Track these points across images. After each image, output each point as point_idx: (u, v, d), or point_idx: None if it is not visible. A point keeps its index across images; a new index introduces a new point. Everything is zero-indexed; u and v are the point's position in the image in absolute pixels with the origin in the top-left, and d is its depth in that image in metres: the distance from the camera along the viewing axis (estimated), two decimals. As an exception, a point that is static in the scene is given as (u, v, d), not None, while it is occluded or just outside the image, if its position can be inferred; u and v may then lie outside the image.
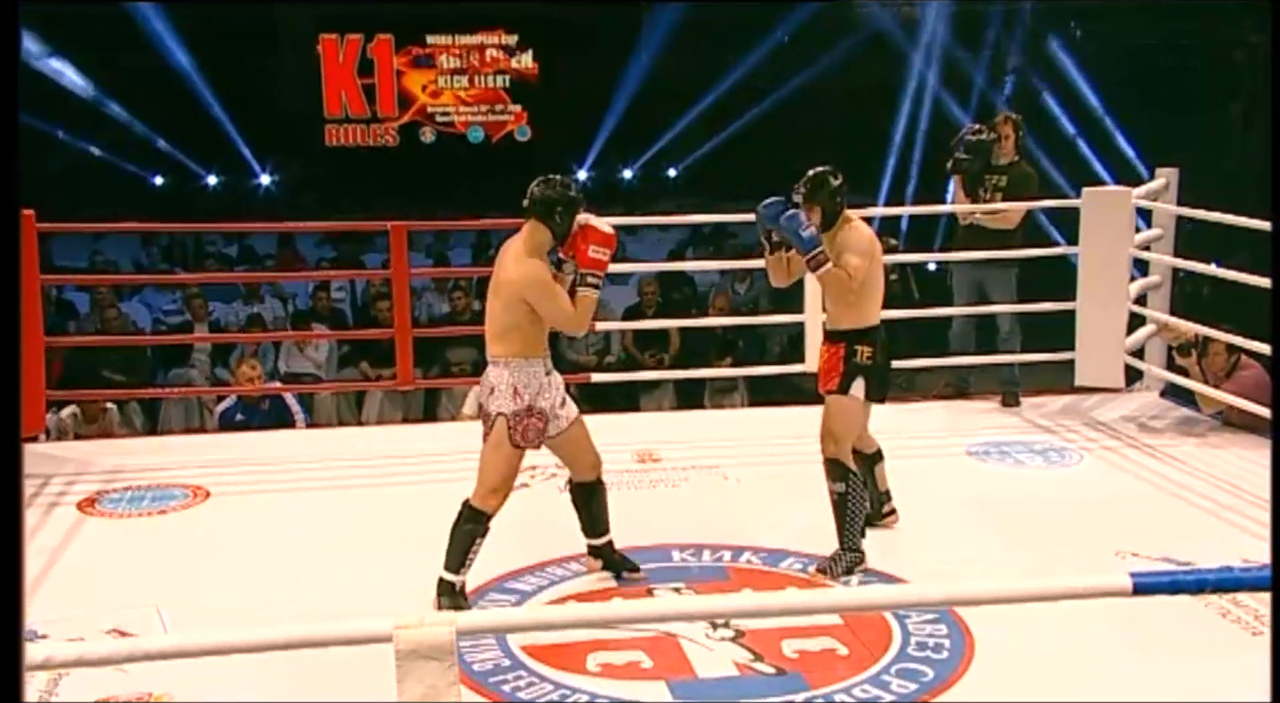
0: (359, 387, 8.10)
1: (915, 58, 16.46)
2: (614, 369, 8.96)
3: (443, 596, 3.90)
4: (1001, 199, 5.97)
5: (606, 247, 3.87)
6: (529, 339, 3.85)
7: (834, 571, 4.14)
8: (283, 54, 17.91)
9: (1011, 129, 5.99)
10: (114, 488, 5.09)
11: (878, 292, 4.25)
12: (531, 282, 3.79)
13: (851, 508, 4.18)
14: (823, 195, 4.17)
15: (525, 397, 3.84)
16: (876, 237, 4.30)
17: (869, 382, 4.21)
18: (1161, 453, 5.38)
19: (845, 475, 4.19)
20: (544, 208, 3.86)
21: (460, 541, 3.90)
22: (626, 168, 18.60)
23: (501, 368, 3.87)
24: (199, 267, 11.36)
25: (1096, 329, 5.77)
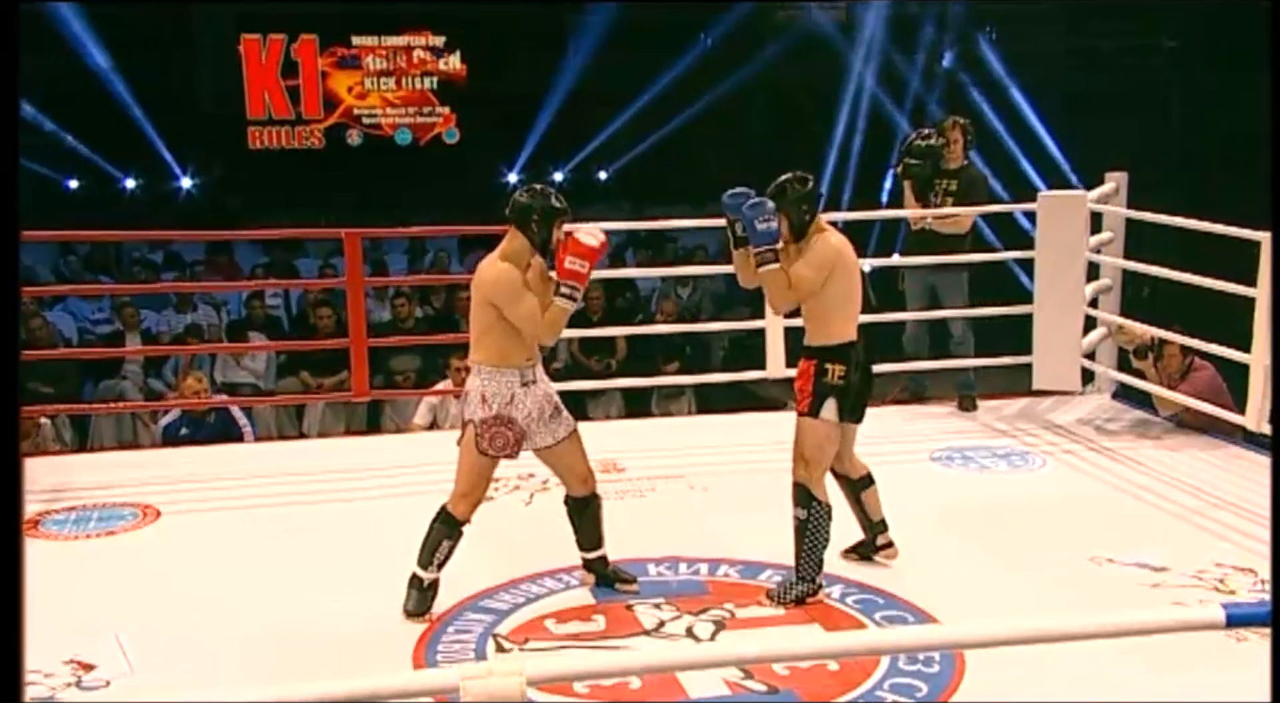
0: (311, 399, 7.88)
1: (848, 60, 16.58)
2: (561, 375, 8.86)
3: (412, 588, 3.91)
4: (952, 203, 5.99)
5: (585, 258, 3.80)
6: (502, 347, 3.80)
7: (783, 598, 3.98)
8: (203, 54, 17.48)
9: (960, 133, 6.02)
10: (57, 509, 4.87)
11: (849, 307, 4.03)
12: (496, 284, 3.77)
13: (810, 537, 3.98)
14: (787, 203, 3.98)
15: (493, 405, 3.81)
16: None
17: (841, 402, 3.98)
18: (1121, 456, 5.43)
19: (808, 502, 3.99)
20: (520, 215, 3.84)
21: (432, 539, 3.91)
22: (557, 170, 18.46)
23: (474, 375, 3.86)
24: (127, 274, 11.00)
25: (1053, 333, 5.81)
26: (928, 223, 6.02)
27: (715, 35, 17.24)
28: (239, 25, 17.07)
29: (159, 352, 8.32)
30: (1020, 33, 15.55)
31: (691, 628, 3.84)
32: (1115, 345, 6.17)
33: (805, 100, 17.23)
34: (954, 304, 6.05)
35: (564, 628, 3.86)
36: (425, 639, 3.79)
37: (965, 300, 6.06)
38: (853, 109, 15.61)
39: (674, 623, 3.87)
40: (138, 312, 8.63)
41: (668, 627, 3.86)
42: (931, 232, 6.01)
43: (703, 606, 3.99)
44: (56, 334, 8.77)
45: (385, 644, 3.77)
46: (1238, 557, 4.28)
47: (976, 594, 4.02)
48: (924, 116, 14.41)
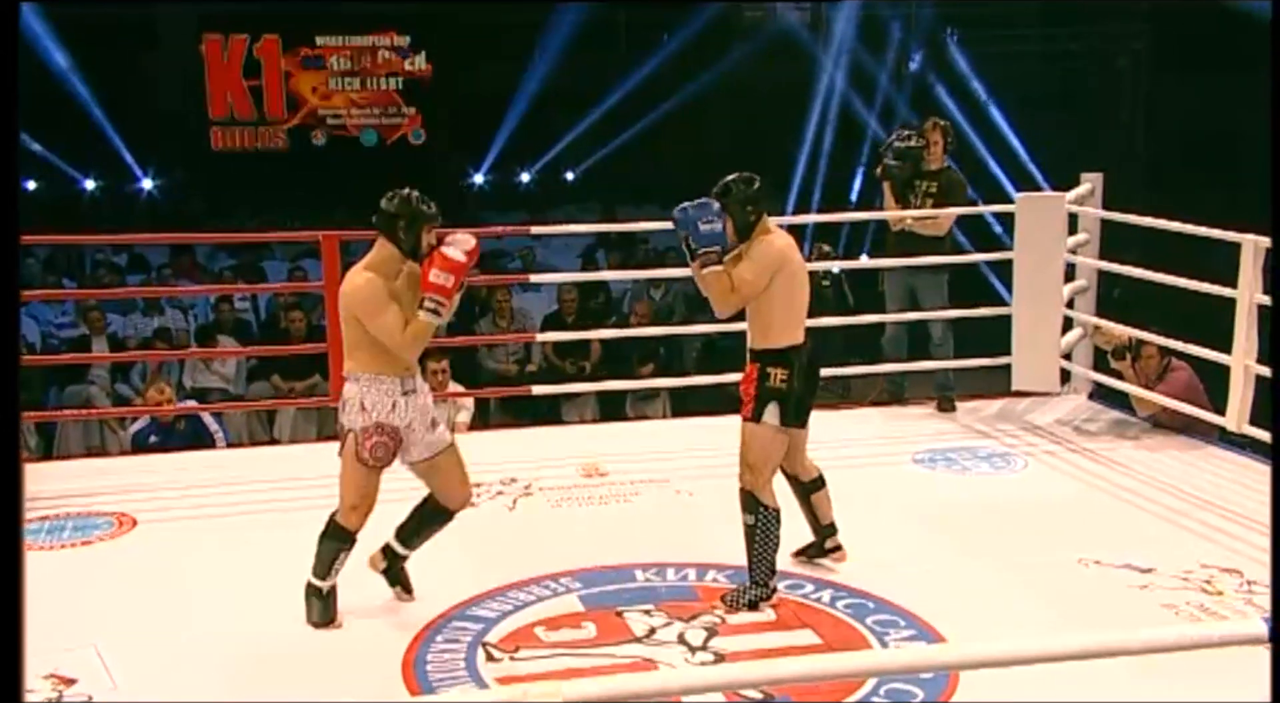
0: (287, 405, 7.79)
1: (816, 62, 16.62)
2: (536, 377, 8.81)
3: (312, 598, 3.86)
4: (932, 205, 5.99)
5: (451, 272, 3.69)
6: (377, 355, 3.73)
7: (738, 603, 3.94)
8: (164, 54, 17.27)
9: (940, 135, 6.03)
10: (31, 518, 4.76)
11: (793, 310, 3.94)
12: (356, 296, 3.70)
13: (760, 541, 3.93)
14: (731, 201, 3.90)
15: (373, 413, 3.73)
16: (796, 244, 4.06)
17: (783, 407, 3.91)
18: (1101, 456, 5.45)
19: (755, 508, 3.93)
20: (386, 222, 3.75)
21: (325, 553, 3.86)
22: (524, 171, 18.40)
23: (351, 383, 3.77)
24: (91, 277, 10.83)
25: (1032, 333, 5.83)
26: (907, 224, 6.02)
27: (683, 36, 17.23)
28: (201, 25, 16.90)
29: (128, 358, 8.18)
30: (986, 35, 15.67)
31: (683, 635, 3.81)
32: (1092, 346, 6.20)
33: (772, 101, 17.27)
34: (933, 306, 6.05)
35: (555, 635, 3.83)
36: (414, 649, 3.74)
37: (945, 302, 6.07)
38: (821, 110, 15.66)
39: (665, 630, 3.84)
40: (104, 316, 8.49)
41: (659, 634, 3.83)
42: (911, 233, 6.02)
43: (693, 612, 3.96)
44: (21, 339, 8.62)
45: (372, 655, 3.72)
46: (1222, 557, 4.30)
47: (969, 597, 4.02)
48: (892, 117, 14.48)
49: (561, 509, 5.00)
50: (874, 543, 4.54)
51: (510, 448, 5.82)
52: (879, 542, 4.56)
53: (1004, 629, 3.75)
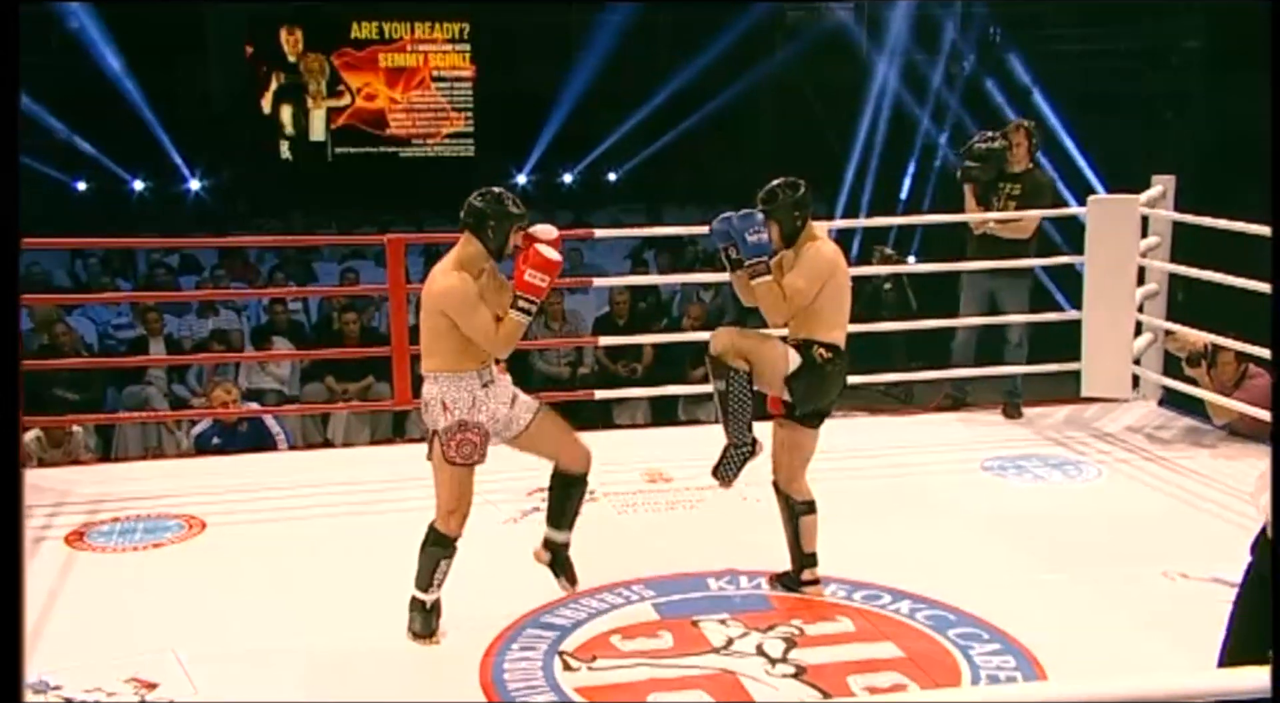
0: (352, 409, 7.81)
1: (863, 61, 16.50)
2: (588, 380, 8.79)
3: (415, 611, 3.81)
4: (1015, 208, 5.88)
5: (546, 272, 3.65)
6: (457, 353, 3.68)
7: (727, 474, 3.93)
8: (212, 55, 17.40)
9: (1024, 137, 5.90)
10: (101, 520, 4.78)
11: (839, 316, 3.91)
12: (449, 295, 3.63)
13: (735, 403, 3.90)
14: (778, 209, 3.86)
15: (455, 412, 3.68)
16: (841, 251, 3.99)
17: (802, 372, 3.85)
18: (1177, 465, 5.34)
19: (725, 372, 3.90)
20: (475, 220, 3.69)
21: (426, 562, 3.80)
22: (566, 172, 18.39)
23: (431, 383, 3.72)
24: (146, 277, 10.90)
25: (1103, 339, 5.71)
26: (989, 228, 5.90)
27: (727, 37, 17.15)
28: (248, 26, 17.01)
29: (186, 361, 8.23)
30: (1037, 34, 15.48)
31: (761, 645, 3.75)
32: (1162, 351, 6.08)
33: (818, 101, 17.16)
34: (1014, 311, 5.93)
35: (631, 645, 3.78)
36: (490, 656, 3.71)
37: (1026, 307, 5.95)
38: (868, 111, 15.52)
39: (742, 640, 3.79)
40: (161, 316, 8.53)
41: (736, 644, 3.77)
42: (993, 237, 5.89)
43: (769, 622, 3.90)
44: (79, 340, 8.67)
45: (449, 662, 3.69)
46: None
47: (1051, 611, 3.93)
48: (943, 118, 14.34)
49: (627, 515, 4.96)
50: (948, 552, 4.48)
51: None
52: (952, 551, 4.50)
53: (1095, 646, 3.67)
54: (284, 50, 17.14)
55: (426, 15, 17.44)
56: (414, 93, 17.57)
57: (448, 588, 4.02)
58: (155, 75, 16.17)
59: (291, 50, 17.17)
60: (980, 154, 5.87)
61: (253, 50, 17.07)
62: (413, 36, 17.52)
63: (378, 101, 17.54)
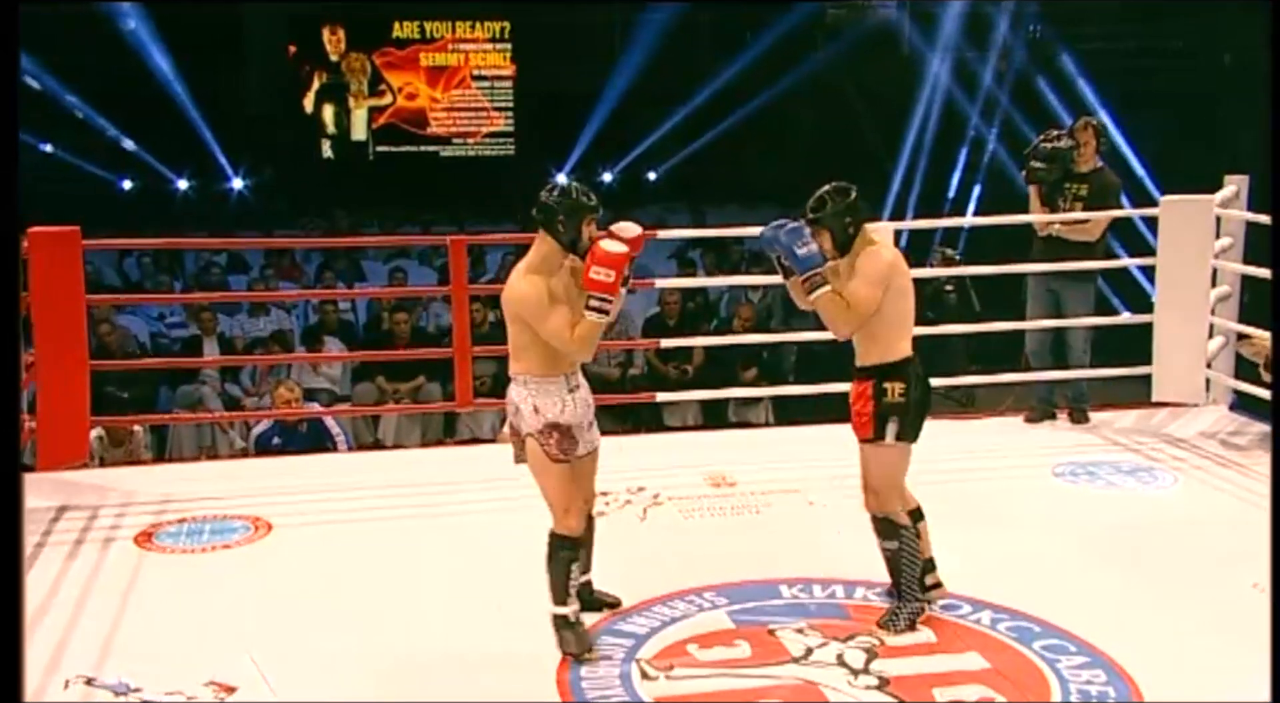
0: (415, 409, 7.82)
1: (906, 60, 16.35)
2: (639, 381, 8.74)
3: (561, 630, 3.72)
4: (1082, 209, 5.77)
5: (611, 267, 3.51)
6: (544, 356, 3.62)
7: (896, 625, 3.79)
8: (255, 55, 17.49)
9: (1092, 135, 5.77)
10: (168, 521, 4.77)
11: (905, 322, 3.78)
12: (522, 300, 3.57)
13: (908, 563, 3.81)
14: (828, 216, 3.72)
15: (547, 414, 3.64)
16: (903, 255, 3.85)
17: (903, 422, 3.74)
18: (1254, 472, 5.23)
19: (896, 533, 3.80)
20: (545, 216, 3.61)
21: (557, 572, 3.71)
22: (606, 171, 18.35)
23: (520, 386, 3.67)
24: (197, 276, 10.94)
25: (1176, 342, 5.63)
26: (1055, 229, 5.80)
27: (769, 37, 17.06)
28: (291, 26, 17.09)
29: (241, 361, 8.25)
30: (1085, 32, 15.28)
31: (842, 656, 3.68)
32: (1234, 355, 5.95)
33: (859, 101, 17.03)
34: (1078, 314, 5.83)
35: (708, 654, 3.72)
36: (566, 664, 3.66)
37: (1091, 311, 5.84)
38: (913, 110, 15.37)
39: (822, 650, 3.72)
40: (215, 316, 8.56)
41: (816, 654, 3.70)
42: (1059, 239, 5.78)
43: (848, 632, 3.83)
44: (131, 338, 8.70)
45: (526, 668, 3.64)
46: None
47: (1137, 623, 3.84)
48: (993, 116, 14.18)
49: (694, 520, 4.90)
50: (1024, 561, 4.40)
51: (630, 455, 5.71)
52: (1029, 560, 4.41)
53: (1187, 661, 3.59)
54: (326, 50, 17.22)
55: (467, 14, 17.46)
56: (455, 92, 17.60)
57: (518, 594, 3.99)
58: (199, 75, 16.26)
59: (333, 50, 17.23)
60: (1046, 154, 5.75)
61: (295, 50, 17.16)
62: (454, 36, 17.55)
63: (419, 101, 17.59)
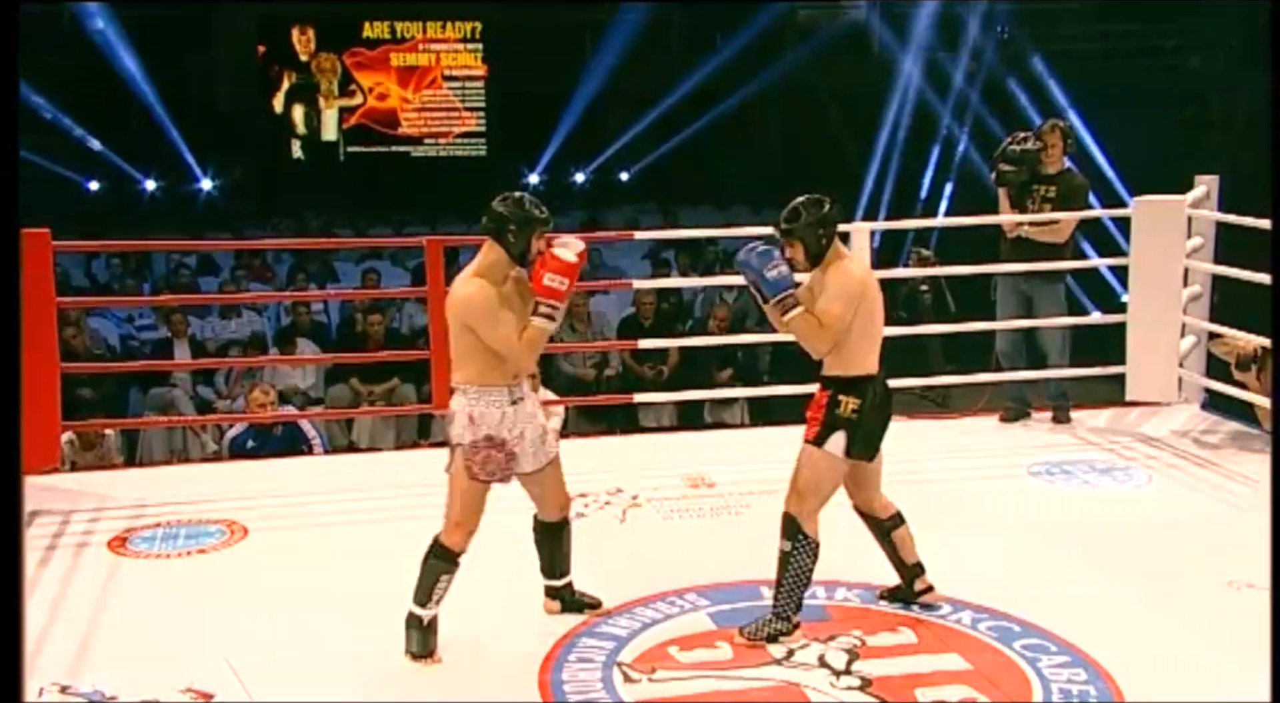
0: (390, 412, 7.76)
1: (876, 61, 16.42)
2: (614, 382, 8.73)
3: (411, 629, 3.68)
4: (1051, 210, 5.80)
5: (564, 274, 3.56)
6: (488, 366, 3.58)
7: (757, 635, 3.74)
8: (224, 55, 17.35)
9: (1059, 137, 5.81)
10: (143, 525, 4.73)
11: (870, 338, 3.75)
12: (470, 305, 3.54)
13: (793, 572, 3.76)
14: (803, 227, 3.70)
15: (481, 426, 3.59)
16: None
17: (851, 436, 3.71)
18: (1227, 470, 5.28)
19: (795, 535, 3.76)
20: (496, 225, 3.60)
21: (427, 575, 3.67)
22: (579, 172, 18.33)
23: (460, 395, 3.63)
24: (167, 278, 10.84)
25: (1149, 342, 5.67)
26: (1024, 231, 5.83)
27: (742, 37, 17.09)
28: (260, 25, 16.96)
29: (214, 365, 8.18)
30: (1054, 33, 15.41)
31: (823, 657, 3.69)
32: (1205, 354, 6.01)
33: (830, 102, 17.10)
34: (1051, 315, 5.86)
35: (690, 656, 3.72)
36: (548, 667, 3.64)
37: (1063, 311, 5.87)
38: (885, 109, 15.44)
39: (803, 652, 3.72)
40: (186, 318, 8.48)
41: (797, 655, 3.71)
42: (1028, 240, 5.81)
43: (829, 633, 3.83)
44: (100, 341, 8.61)
45: (506, 671, 3.63)
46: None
47: (1116, 622, 3.86)
48: (964, 117, 14.27)
49: (673, 521, 4.90)
50: (1002, 561, 4.42)
51: (607, 456, 5.73)
52: (1007, 560, 4.43)
53: (1167, 660, 3.61)
54: (295, 50, 17.10)
55: (438, 15, 17.40)
56: (426, 92, 17.52)
57: (502, 596, 3.98)
58: (167, 75, 16.14)
59: (303, 50, 17.13)
60: (1014, 156, 5.78)
61: (264, 50, 17.04)
62: (425, 36, 17.48)
63: (390, 101, 17.50)
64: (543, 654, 3.71)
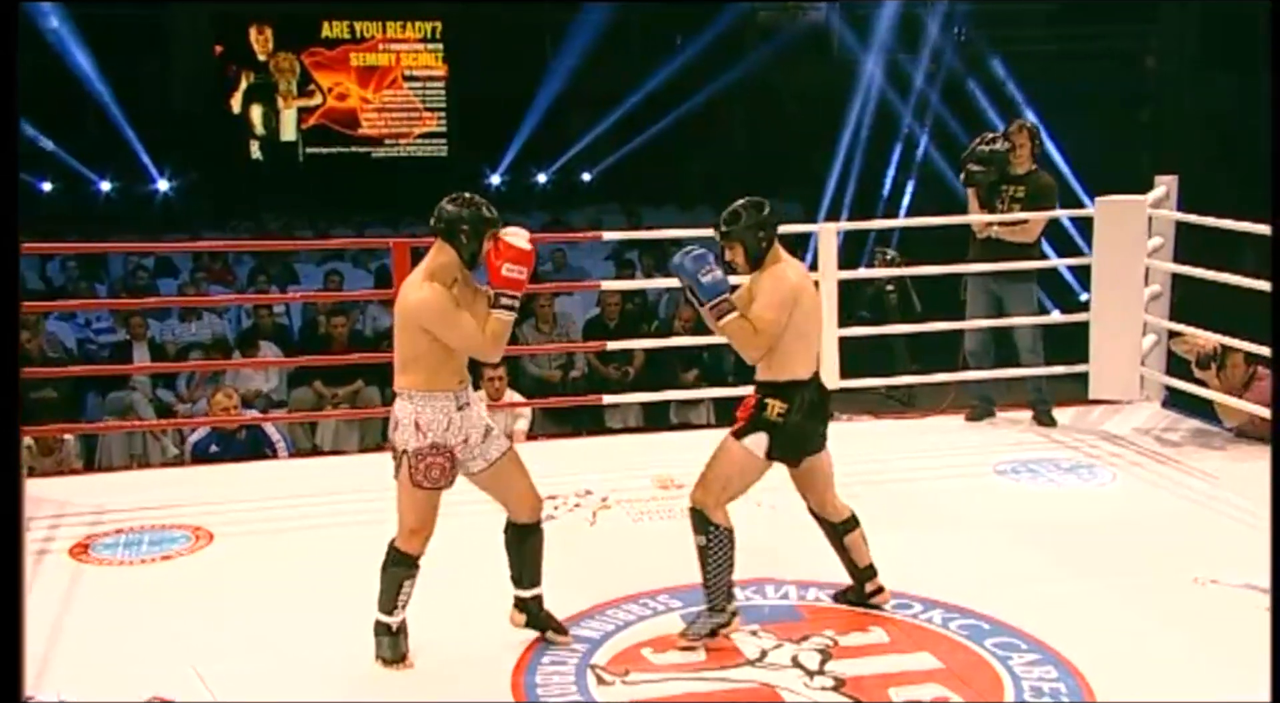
0: (355, 415, 7.68)
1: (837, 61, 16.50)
2: (579, 383, 8.71)
3: (379, 635, 3.64)
4: (1020, 210, 5.84)
5: (523, 264, 3.53)
6: (435, 371, 3.51)
7: (698, 636, 3.71)
8: (180, 54, 17.15)
9: (1027, 137, 5.85)
10: (104, 531, 4.65)
11: (803, 342, 3.70)
12: (427, 308, 3.47)
13: (714, 563, 3.72)
14: (740, 229, 3.68)
15: (429, 434, 3.51)
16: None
17: (773, 439, 3.68)
18: (1190, 468, 5.33)
19: (705, 527, 3.73)
20: (448, 227, 3.54)
21: (389, 583, 3.64)
22: (540, 172, 18.29)
23: (405, 401, 3.53)
24: (125, 281, 10.69)
25: (1111, 341, 5.72)
26: (993, 232, 5.86)
27: (703, 39, 17.13)
28: (216, 25, 16.78)
29: (175, 368, 8.07)
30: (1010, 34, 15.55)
31: (796, 657, 3.69)
32: (1165, 352, 6.08)
33: (791, 102, 17.17)
34: (1022, 315, 5.89)
35: (663, 658, 3.71)
36: (520, 671, 3.62)
37: (1034, 311, 5.91)
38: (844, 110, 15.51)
39: (776, 652, 3.72)
40: (145, 321, 8.37)
41: (770, 656, 3.71)
42: (997, 240, 5.84)
43: (801, 633, 3.84)
44: (57, 344, 8.48)
45: (478, 676, 3.61)
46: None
47: (1084, 619, 3.89)
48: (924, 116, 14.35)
49: (644, 523, 4.88)
50: (972, 559, 4.44)
51: (575, 458, 5.71)
52: (976, 558, 4.46)
53: (1135, 657, 3.64)
54: (253, 49, 16.95)
55: (398, 14, 17.30)
56: (386, 92, 17.42)
57: (474, 598, 3.95)
58: (122, 74, 15.93)
59: (261, 49, 16.98)
60: (983, 156, 5.81)
61: (222, 49, 16.86)
62: (384, 36, 17.38)
63: (349, 101, 17.38)
64: (515, 658, 3.68)
